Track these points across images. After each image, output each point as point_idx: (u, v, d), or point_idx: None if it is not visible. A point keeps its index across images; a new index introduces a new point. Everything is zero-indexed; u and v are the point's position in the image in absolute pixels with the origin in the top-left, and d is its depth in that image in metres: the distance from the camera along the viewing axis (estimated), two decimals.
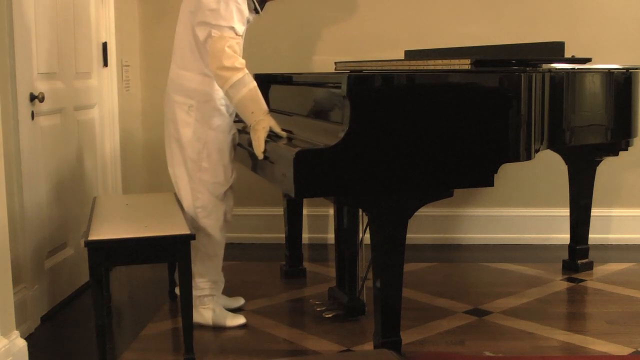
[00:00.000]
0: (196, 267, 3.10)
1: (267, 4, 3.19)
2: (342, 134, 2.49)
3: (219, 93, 3.02)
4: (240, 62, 2.90)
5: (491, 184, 2.66)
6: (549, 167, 4.44)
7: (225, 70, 2.87)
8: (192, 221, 3.05)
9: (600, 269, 4.05)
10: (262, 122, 2.88)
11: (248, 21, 3.05)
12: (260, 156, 2.83)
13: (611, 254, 4.38)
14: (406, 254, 2.66)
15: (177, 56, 3.09)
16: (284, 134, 2.90)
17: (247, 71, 2.92)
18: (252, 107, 2.91)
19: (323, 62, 4.54)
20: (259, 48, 4.49)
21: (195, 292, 3.08)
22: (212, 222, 3.12)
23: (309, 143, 2.74)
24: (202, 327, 3.14)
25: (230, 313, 3.22)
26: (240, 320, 3.20)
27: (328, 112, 2.90)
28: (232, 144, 3.14)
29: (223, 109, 3.06)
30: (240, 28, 2.94)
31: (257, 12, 3.10)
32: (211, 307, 3.18)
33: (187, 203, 3.11)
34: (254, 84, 2.93)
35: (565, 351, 2.95)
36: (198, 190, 3.08)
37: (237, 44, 2.92)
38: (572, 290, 3.73)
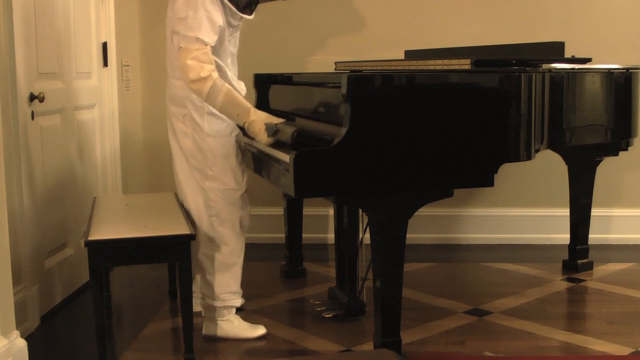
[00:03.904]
0: (214, 278, 3.03)
1: (265, 5, 3.15)
2: (342, 134, 2.49)
3: None
4: (206, 69, 2.77)
5: (491, 184, 2.66)
6: (549, 167, 4.44)
7: (194, 84, 2.79)
8: (207, 232, 3.00)
9: (600, 269, 4.05)
10: (254, 125, 2.82)
11: (232, 25, 2.95)
12: (270, 141, 2.80)
13: (611, 254, 4.38)
14: (406, 254, 2.66)
15: (168, 64, 3.02)
16: (281, 120, 2.84)
17: (216, 76, 2.81)
18: (236, 110, 2.84)
19: (323, 62, 4.54)
20: (259, 48, 4.50)
21: (215, 303, 3.04)
22: (228, 230, 3.02)
23: (309, 143, 2.74)
24: (220, 339, 3.07)
25: (248, 324, 3.12)
26: (260, 330, 3.10)
27: (328, 112, 2.90)
28: (237, 146, 3.03)
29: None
30: (211, 37, 2.81)
31: (242, 12, 2.94)
32: (230, 318, 3.08)
33: (197, 214, 3.01)
34: (226, 86, 2.83)
35: (565, 351, 2.95)
36: (210, 199, 2.98)
37: (204, 54, 2.78)
38: (572, 290, 3.73)
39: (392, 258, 2.64)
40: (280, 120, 2.86)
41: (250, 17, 3.00)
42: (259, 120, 2.84)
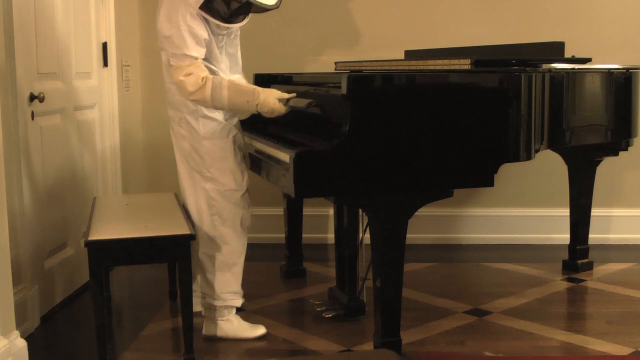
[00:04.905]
0: (215, 278, 3.03)
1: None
2: (342, 134, 2.49)
3: None
4: (201, 76, 2.78)
5: (491, 184, 2.66)
6: (549, 167, 4.44)
7: (195, 95, 2.78)
8: (207, 231, 3.00)
9: (600, 269, 4.05)
10: (267, 102, 2.78)
11: (220, 34, 2.92)
12: (287, 110, 2.78)
13: (611, 254, 4.38)
14: (406, 254, 2.66)
15: (164, 69, 3.00)
16: (293, 94, 2.81)
17: (210, 76, 2.81)
18: (244, 98, 2.82)
19: (323, 62, 4.55)
20: (259, 48, 4.49)
21: (215, 303, 3.04)
22: (229, 230, 3.02)
23: (309, 143, 2.74)
24: (220, 339, 3.07)
25: (248, 324, 3.12)
26: (260, 330, 3.10)
27: (328, 113, 2.89)
28: (235, 147, 3.02)
29: (215, 115, 2.94)
30: (198, 51, 2.81)
31: (229, 23, 2.89)
32: (230, 318, 3.08)
33: (198, 213, 3.01)
34: (225, 79, 2.83)
35: (565, 351, 2.95)
36: (211, 198, 2.98)
37: (196, 67, 2.79)
38: (572, 290, 3.73)
39: (392, 258, 2.64)
40: (292, 95, 2.83)
41: (242, 24, 2.97)
42: (270, 95, 2.81)
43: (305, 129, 3.09)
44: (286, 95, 2.82)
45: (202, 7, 2.79)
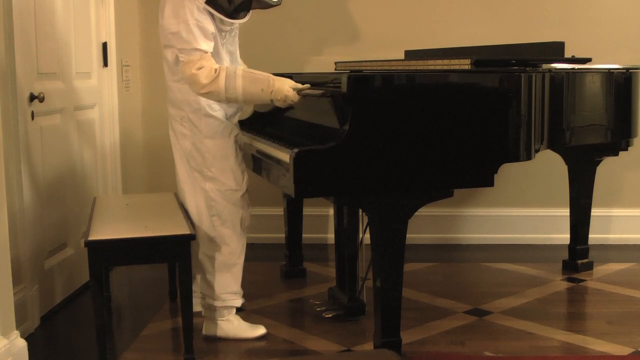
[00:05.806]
0: (215, 278, 3.03)
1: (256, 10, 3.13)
2: (342, 134, 2.49)
3: (206, 99, 2.92)
4: (215, 68, 2.77)
5: (491, 184, 2.66)
6: (549, 167, 4.44)
7: (209, 86, 2.77)
8: (207, 232, 3.00)
9: (600, 269, 4.05)
10: (281, 89, 2.77)
11: (223, 30, 2.93)
12: (299, 98, 2.77)
13: (611, 254, 4.38)
14: (406, 254, 2.66)
15: (165, 68, 3.00)
16: (306, 85, 2.81)
17: (223, 66, 2.81)
18: (258, 86, 2.79)
19: (323, 62, 4.54)
20: (259, 48, 4.49)
21: (215, 303, 3.04)
22: (228, 231, 3.01)
23: (309, 143, 2.74)
24: (220, 339, 3.07)
25: (248, 324, 3.12)
26: (260, 330, 3.10)
27: (328, 113, 2.89)
28: (236, 147, 3.02)
29: (217, 113, 2.95)
30: (208, 45, 2.81)
31: (232, 18, 2.89)
32: (230, 319, 3.08)
33: (197, 214, 3.01)
34: (238, 68, 2.83)
35: (565, 351, 2.95)
36: (211, 199, 2.97)
37: (207, 60, 2.78)
38: (572, 290, 3.73)
39: (392, 258, 2.64)
40: (306, 86, 2.82)
41: (244, 21, 2.97)
42: (285, 83, 2.80)
43: (305, 129, 3.10)
44: (300, 86, 2.81)
45: (207, 2, 2.80)
